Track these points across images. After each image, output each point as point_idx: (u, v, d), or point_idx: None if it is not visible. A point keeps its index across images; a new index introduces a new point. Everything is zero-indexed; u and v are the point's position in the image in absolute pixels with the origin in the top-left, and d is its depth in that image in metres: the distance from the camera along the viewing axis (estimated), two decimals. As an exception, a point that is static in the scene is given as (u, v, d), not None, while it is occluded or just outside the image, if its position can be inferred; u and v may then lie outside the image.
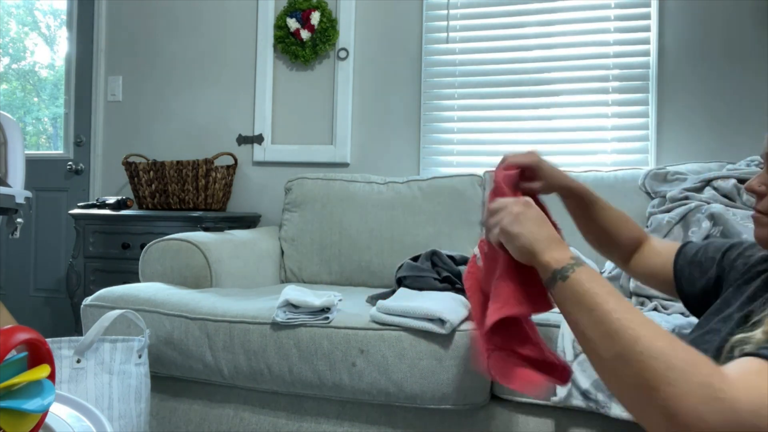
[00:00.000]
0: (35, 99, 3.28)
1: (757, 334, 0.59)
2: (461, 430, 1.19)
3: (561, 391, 1.08)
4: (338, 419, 1.26)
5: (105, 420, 0.57)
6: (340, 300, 1.33)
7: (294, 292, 1.29)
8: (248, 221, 2.29)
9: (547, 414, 1.16)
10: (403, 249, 1.85)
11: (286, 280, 1.96)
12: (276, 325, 1.24)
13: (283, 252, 1.98)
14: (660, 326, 0.55)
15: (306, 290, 1.35)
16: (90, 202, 2.29)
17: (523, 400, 1.17)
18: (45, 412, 0.53)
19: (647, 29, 2.00)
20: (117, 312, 1.09)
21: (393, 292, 1.38)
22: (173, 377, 1.35)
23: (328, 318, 1.23)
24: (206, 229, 1.94)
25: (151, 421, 1.35)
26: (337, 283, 1.91)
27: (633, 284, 1.31)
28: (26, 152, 1.64)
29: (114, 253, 2.15)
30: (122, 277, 2.02)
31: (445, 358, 1.15)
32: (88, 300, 1.40)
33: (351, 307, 1.33)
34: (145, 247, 1.61)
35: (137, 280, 1.62)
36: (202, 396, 1.34)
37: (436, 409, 1.19)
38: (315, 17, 2.24)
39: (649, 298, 1.27)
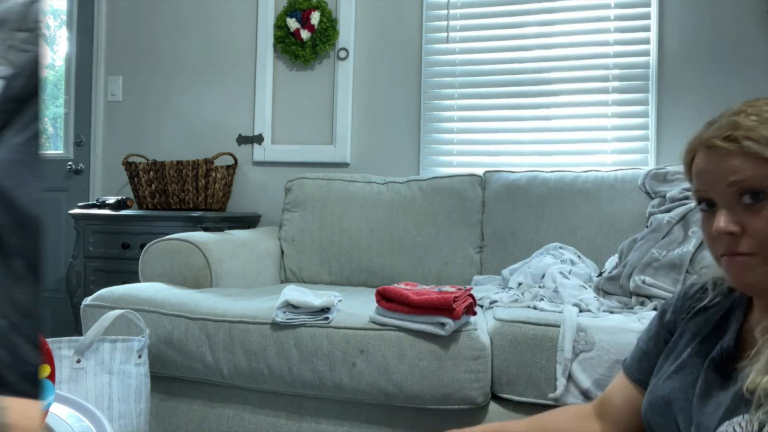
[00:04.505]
0: (35, 99, 3.27)
1: None
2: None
3: (560, 388, 1.08)
4: (338, 419, 1.26)
5: (105, 420, 0.57)
6: (339, 300, 1.33)
7: (294, 293, 1.29)
8: (248, 221, 2.29)
9: (547, 414, 1.16)
10: (403, 249, 1.85)
11: (286, 280, 1.96)
12: (276, 326, 1.24)
13: (283, 252, 1.98)
14: None
15: (306, 290, 1.34)
16: (90, 202, 2.29)
17: (523, 399, 1.17)
18: (45, 412, 0.53)
19: (647, 29, 2.00)
20: (117, 312, 1.09)
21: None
22: (173, 377, 1.35)
23: (327, 318, 1.23)
24: (206, 229, 1.94)
25: (151, 421, 1.35)
26: (337, 283, 1.91)
27: (632, 284, 1.31)
28: (26, 152, 1.65)
29: (114, 253, 2.15)
30: (122, 277, 2.02)
31: (445, 359, 1.15)
32: (88, 300, 1.40)
33: (351, 307, 1.33)
34: (145, 247, 1.61)
35: (137, 280, 1.62)
36: (202, 396, 1.34)
37: (437, 410, 1.19)
38: (315, 17, 2.24)
39: (650, 297, 1.27)
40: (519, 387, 1.17)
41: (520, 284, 1.48)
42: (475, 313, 1.23)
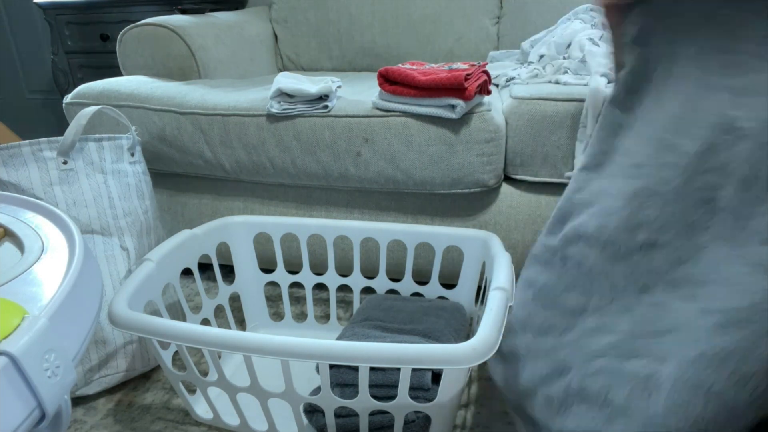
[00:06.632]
0: None
1: None
2: (473, 211, 1.18)
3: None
4: (348, 207, 1.25)
5: (73, 226, 0.52)
6: (339, 86, 1.20)
7: (287, 80, 1.16)
8: (233, 1, 2.02)
9: (558, 192, 1.13)
10: (410, 25, 1.64)
11: (283, 69, 1.80)
12: (272, 117, 1.14)
13: (276, 37, 1.78)
14: None
15: (301, 77, 1.21)
16: (54, -12, 2.02)
17: (537, 179, 1.12)
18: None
19: None
20: (93, 108, 0.99)
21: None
22: (176, 174, 1.32)
23: (327, 107, 1.12)
24: (184, 12, 1.71)
25: (164, 216, 1.37)
26: (340, 69, 1.75)
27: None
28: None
29: (95, 47, 1.97)
30: (110, 73, 1.88)
31: (455, 144, 1.07)
32: (68, 98, 1.30)
33: (353, 93, 1.21)
34: (118, 36, 1.43)
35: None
36: (210, 190, 1.33)
37: (447, 194, 1.16)
38: None
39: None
40: (534, 167, 1.11)
41: (541, 57, 1.32)
42: (489, 92, 1.11)
